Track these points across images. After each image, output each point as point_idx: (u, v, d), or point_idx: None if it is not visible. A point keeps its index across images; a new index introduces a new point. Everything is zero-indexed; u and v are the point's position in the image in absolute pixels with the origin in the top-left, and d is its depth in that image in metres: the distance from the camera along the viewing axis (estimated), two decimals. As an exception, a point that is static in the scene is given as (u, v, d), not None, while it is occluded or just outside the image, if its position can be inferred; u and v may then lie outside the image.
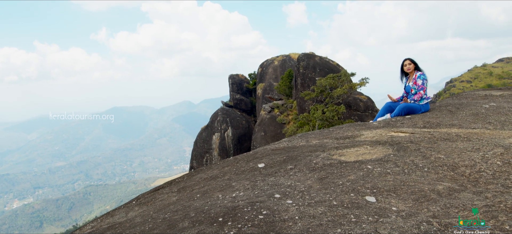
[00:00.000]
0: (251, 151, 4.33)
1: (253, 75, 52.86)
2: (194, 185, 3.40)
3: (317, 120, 27.42)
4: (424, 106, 6.50)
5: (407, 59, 6.77)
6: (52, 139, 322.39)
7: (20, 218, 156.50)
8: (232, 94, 51.85)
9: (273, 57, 49.87)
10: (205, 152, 46.13)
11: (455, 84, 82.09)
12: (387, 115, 6.57)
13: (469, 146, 3.68)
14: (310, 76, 37.42)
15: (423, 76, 6.56)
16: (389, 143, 3.91)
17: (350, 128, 5.18)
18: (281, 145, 4.46)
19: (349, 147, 3.85)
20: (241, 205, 2.23)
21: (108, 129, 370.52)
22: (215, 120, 46.39)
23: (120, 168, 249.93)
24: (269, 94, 45.71)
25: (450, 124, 5.05)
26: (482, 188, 2.57)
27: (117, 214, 3.25)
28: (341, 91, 28.68)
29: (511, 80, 75.59)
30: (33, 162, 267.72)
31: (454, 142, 3.86)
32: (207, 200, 2.67)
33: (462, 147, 3.66)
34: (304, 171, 3.11)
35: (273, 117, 41.49)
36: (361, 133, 4.80)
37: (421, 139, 4.05)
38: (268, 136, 39.89)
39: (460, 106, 6.30)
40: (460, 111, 5.92)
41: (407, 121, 5.57)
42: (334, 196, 2.40)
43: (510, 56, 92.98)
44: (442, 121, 5.32)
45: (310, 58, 38.48)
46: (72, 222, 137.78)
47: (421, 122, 5.29)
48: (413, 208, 2.19)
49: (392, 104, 6.82)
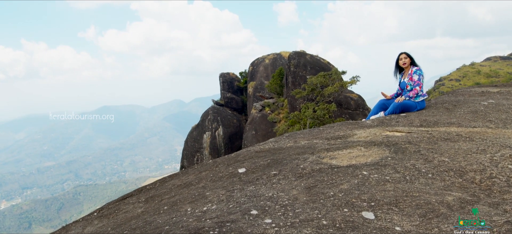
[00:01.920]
0: (233, 153, 3.89)
1: (244, 73, 52.57)
2: (165, 194, 2.95)
3: (308, 119, 27.15)
4: (420, 103, 6.08)
5: (403, 53, 6.29)
6: (40, 139, 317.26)
7: (8, 219, 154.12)
8: (223, 93, 51.48)
9: (264, 56, 49.63)
10: (196, 151, 45.66)
11: (444, 82, 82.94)
12: (380, 113, 6.15)
13: (473, 146, 3.30)
14: (301, 75, 37.17)
15: (420, 71, 6.12)
16: (385, 143, 3.51)
17: (342, 126, 4.76)
18: (267, 146, 4.04)
19: (341, 149, 3.43)
20: (207, 226, 1.77)
21: (98, 128, 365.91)
22: (206, 118, 45.95)
23: (110, 168, 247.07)
24: (260, 93, 45.42)
25: (448, 123, 4.68)
26: (498, 198, 2.18)
27: (73, 229, 2.79)
28: (332, 90, 28.47)
29: (498, 78, 76.73)
30: (21, 162, 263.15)
31: (456, 143, 3.48)
32: (173, 215, 2.22)
33: (466, 148, 3.28)
34: (289, 177, 2.68)
35: (264, 116, 41.19)
36: (354, 132, 4.40)
37: (419, 139, 3.66)
38: (259, 135, 39.56)
39: (457, 104, 5.93)
40: (458, 109, 5.55)
41: (402, 119, 5.18)
42: (324, 212, 1.95)
43: (497, 55, 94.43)
44: (439, 119, 4.95)
45: (301, 57, 38.24)
46: (61, 223, 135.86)
47: (417, 120, 4.90)
48: (421, 227, 1.77)
49: (385, 101, 6.39)
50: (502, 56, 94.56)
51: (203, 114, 47.17)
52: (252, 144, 36.80)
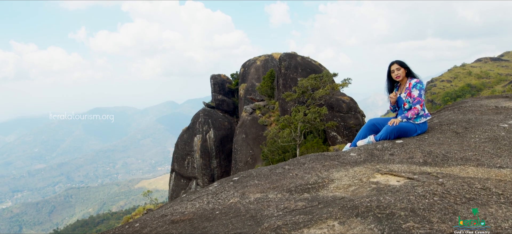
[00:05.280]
0: (135, 225, 2.54)
1: (235, 75, 51.77)
2: None
3: (298, 122, 26.19)
4: (421, 126, 4.72)
5: (395, 63, 4.91)
6: (31, 141, 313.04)
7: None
8: (214, 95, 50.55)
9: (255, 57, 48.94)
10: (187, 154, 44.49)
11: (436, 83, 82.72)
12: (370, 138, 4.75)
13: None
14: (292, 77, 36.22)
15: (420, 85, 4.75)
16: (373, 212, 2.19)
17: (316, 164, 3.42)
18: (197, 203, 2.70)
19: (302, 225, 2.10)
20: None
21: (89, 129, 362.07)
22: (197, 121, 44.83)
23: (102, 170, 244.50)
24: (251, 95, 44.57)
25: (462, 158, 3.38)
26: None
27: None
28: (323, 92, 27.64)
29: (489, 79, 76.83)
30: (11, 164, 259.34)
31: (486, 207, 2.19)
32: None
33: (502, 215, 2.01)
34: None
35: (254, 119, 40.25)
36: (331, 175, 3.08)
37: (427, 199, 2.35)
38: (249, 138, 38.54)
39: (469, 125, 4.57)
40: (471, 134, 4.23)
41: (398, 149, 3.86)
42: None
43: (488, 56, 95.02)
44: (449, 150, 3.65)
45: (292, 58, 37.37)
46: (53, 226, 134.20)
47: (419, 154, 3.59)
48: None
49: (376, 121, 4.98)
50: (492, 57, 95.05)
51: (193, 116, 46.16)
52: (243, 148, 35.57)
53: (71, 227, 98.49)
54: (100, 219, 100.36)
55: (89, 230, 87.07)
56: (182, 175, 44.36)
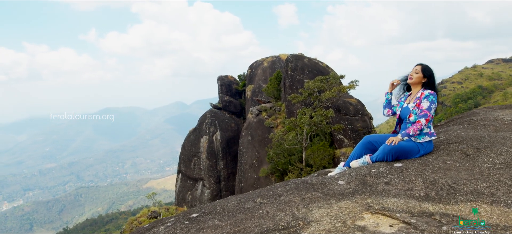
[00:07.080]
0: None
1: (242, 76, 51.42)
2: None
3: (304, 125, 25.66)
4: (425, 146, 4.01)
5: (418, 65, 4.26)
6: (42, 140, 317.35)
7: (10, 220, 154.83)
8: (221, 96, 50.27)
9: (262, 58, 48.62)
10: (193, 155, 44.24)
11: (446, 85, 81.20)
12: (365, 158, 4.11)
13: None
14: (299, 79, 35.73)
15: (433, 97, 4.04)
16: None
17: (295, 196, 2.83)
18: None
19: None
20: None
21: (99, 130, 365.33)
22: (203, 122, 44.58)
23: (111, 169, 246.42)
24: (257, 97, 44.23)
25: (473, 191, 2.78)
26: None
27: None
28: (330, 95, 27.07)
29: (501, 81, 75.21)
30: (22, 163, 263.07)
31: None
32: None
33: None
34: None
35: (260, 121, 39.82)
36: (309, 214, 2.51)
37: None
38: (255, 141, 38.10)
39: (481, 145, 3.91)
40: (483, 156, 3.59)
41: (396, 176, 3.25)
42: None
43: (499, 58, 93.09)
44: (456, 179, 3.04)
45: (298, 60, 36.90)
46: (63, 225, 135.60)
47: (420, 183, 2.98)
48: None
49: (373, 139, 4.31)
50: (504, 58, 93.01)
51: (200, 118, 46.00)
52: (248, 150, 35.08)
53: (80, 226, 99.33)
54: (109, 218, 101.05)
55: (98, 229, 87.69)
56: (188, 176, 44.12)
